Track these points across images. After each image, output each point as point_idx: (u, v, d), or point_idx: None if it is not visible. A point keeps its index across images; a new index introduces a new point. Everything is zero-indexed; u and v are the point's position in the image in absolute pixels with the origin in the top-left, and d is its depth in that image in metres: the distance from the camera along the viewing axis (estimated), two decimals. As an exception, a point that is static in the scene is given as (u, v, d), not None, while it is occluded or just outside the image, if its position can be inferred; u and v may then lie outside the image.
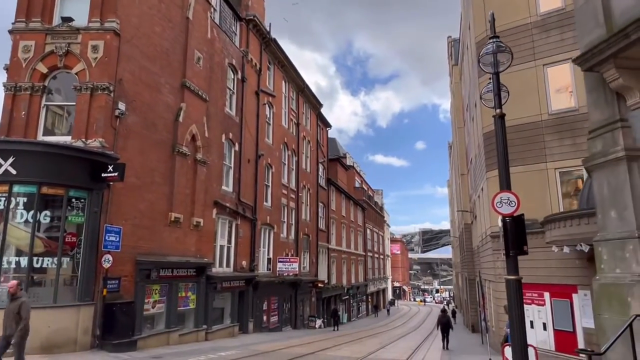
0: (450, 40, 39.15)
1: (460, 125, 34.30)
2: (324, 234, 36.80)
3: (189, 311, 16.67)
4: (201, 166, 17.57)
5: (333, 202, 40.59)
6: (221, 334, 18.41)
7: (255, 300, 22.22)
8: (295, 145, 30.35)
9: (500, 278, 15.62)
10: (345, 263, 43.79)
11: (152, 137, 14.87)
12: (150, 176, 14.69)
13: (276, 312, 25.11)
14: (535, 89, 15.66)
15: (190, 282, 16.62)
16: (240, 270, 20.84)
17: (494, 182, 16.19)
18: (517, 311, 7.20)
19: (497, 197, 7.58)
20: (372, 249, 61.02)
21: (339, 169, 47.00)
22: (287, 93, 29.54)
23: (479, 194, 20.09)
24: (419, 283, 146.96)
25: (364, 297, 53.97)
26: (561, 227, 10.21)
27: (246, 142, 22.33)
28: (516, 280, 7.31)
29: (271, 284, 24.02)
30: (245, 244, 21.68)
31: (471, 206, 30.46)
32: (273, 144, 26.12)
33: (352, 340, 21.92)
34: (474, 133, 21.88)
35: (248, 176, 22.41)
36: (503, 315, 15.28)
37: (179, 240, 16.07)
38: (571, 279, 12.92)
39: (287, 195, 28.20)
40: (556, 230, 10.41)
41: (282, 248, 26.73)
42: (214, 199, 18.69)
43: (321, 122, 38.27)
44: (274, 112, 26.48)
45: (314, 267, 32.86)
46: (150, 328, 14.58)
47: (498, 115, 7.95)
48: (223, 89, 20.18)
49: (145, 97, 14.64)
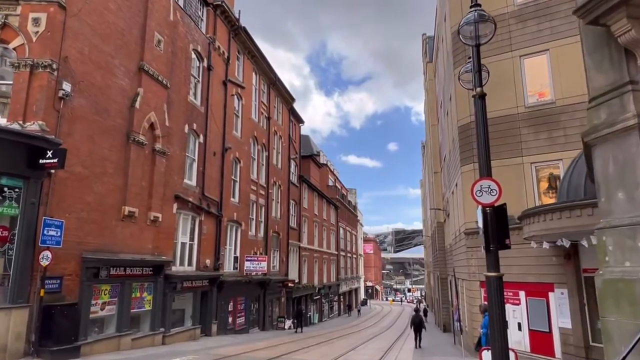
0: (425, 38, 38.84)
1: (434, 123, 33.98)
2: (295, 232, 35.83)
3: (145, 313, 15.41)
4: (160, 157, 16.33)
5: (305, 199, 39.65)
6: (181, 337, 17.21)
7: (220, 301, 21.06)
8: (266, 139, 29.26)
9: (474, 277, 15.05)
10: (317, 262, 42.93)
11: (103, 123, 13.57)
12: (101, 166, 13.39)
13: (243, 313, 23.98)
14: (512, 80, 15.15)
15: (147, 282, 15.37)
16: (203, 269, 19.65)
17: (469, 176, 15.61)
18: (497, 311, 6.45)
19: (477, 184, 6.81)
20: (345, 248, 60.39)
21: (311, 166, 46.11)
22: (258, 85, 28.42)
23: (453, 190, 19.55)
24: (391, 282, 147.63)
25: (336, 297, 53.25)
26: (540, 221, 9.60)
27: (212, 134, 21.14)
28: (497, 278, 6.56)
29: (238, 284, 22.89)
30: (210, 241, 20.49)
31: (444, 204, 30.10)
32: (242, 137, 24.98)
33: (322, 342, 21.04)
34: (448, 128, 21.36)
35: (214, 170, 21.22)
36: (477, 315, 14.68)
37: (134, 237, 14.81)
38: (548, 277, 12.39)
39: (257, 191, 27.10)
40: (535, 224, 9.80)
41: (251, 246, 25.61)
42: (174, 193, 17.46)
43: (294, 118, 37.28)
44: (243, 104, 25.34)
45: (284, 266, 31.84)
46: (99, 332, 13.30)
47: (478, 94, 7.19)
48: (187, 76, 18.95)
49: (95, 79, 13.34)
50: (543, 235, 9.85)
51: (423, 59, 40.70)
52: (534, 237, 10.32)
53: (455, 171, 18.34)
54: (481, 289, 14.72)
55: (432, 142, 34.28)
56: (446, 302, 31.59)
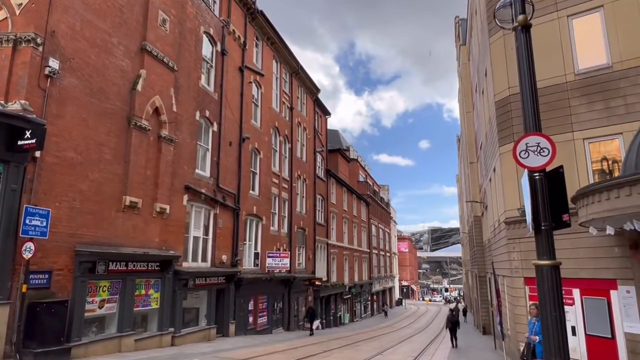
0: (458, 21, 36.45)
1: (468, 110, 31.64)
2: (323, 228, 34.34)
3: (151, 312, 14.32)
4: (167, 144, 15.20)
5: (333, 195, 38.10)
6: (193, 337, 16.06)
7: (239, 300, 19.84)
8: (289, 131, 27.92)
9: (516, 272, 13.08)
10: (347, 260, 41.29)
11: (99, 106, 12.51)
12: (97, 152, 12.33)
13: (265, 312, 22.71)
14: (559, 45, 13.05)
15: (153, 278, 14.27)
16: (219, 265, 18.46)
17: (509, 158, 13.59)
18: (553, 312, 4.73)
19: (521, 142, 5.09)
20: (377, 246, 58.41)
21: (340, 160, 44.49)
22: (279, 74, 27.11)
23: (490, 177, 17.50)
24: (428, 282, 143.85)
25: (369, 296, 51.40)
26: (603, 200, 7.66)
27: (227, 123, 19.95)
28: (552, 267, 4.83)
29: (258, 282, 21.63)
30: (226, 236, 19.30)
31: (481, 196, 27.83)
32: (261, 127, 23.71)
33: (347, 344, 19.45)
34: (483, 110, 19.28)
35: (230, 161, 20.02)
36: (521, 317, 12.71)
37: (138, 229, 13.71)
38: (608, 271, 10.32)
39: (279, 184, 25.78)
40: (595, 205, 7.87)
41: (273, 242, 24.32)
42: (185, 184, 16.33)
43: (319, 109, 35.81)
44: (262, 92, 24.07)
45: (310, 263, 30.42)
46: (97, 333, 12.24)
47: (520, 25, 5.45)
48: (197, 60, 17.81)
49: (89, 58, 12.29)
50: (606, 219, 7.90)
51: (456, 42, 38.29)
52: (594, 222, 8.36)
53: (492, 154, 16.31)
54: (525, 287, 12.72)
55: (467, 130, 31.97)
56: (485, 302, 29.26)
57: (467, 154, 33.52)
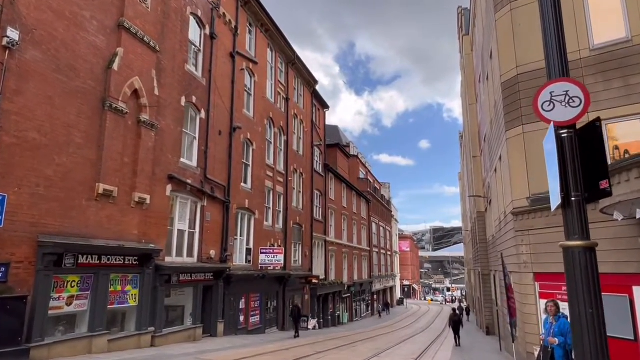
0: (460, 11, 35.30)
1: (472, 102, 30.52)
2: (321, 225, 33.24)
3: (129, 310, 13.25)
4: (148, 130, 14.13)
5: (332, 190, 36.99)
6: (176, 338, 14.98)
7: (228, 297, 18.75)
8: (284, 122, 26.82)
9: (525, 267, 11.95)
10: (346, 258, 40.17)
11: (68, 84, 11.44)
12: (66, 134, 11.26)
13: (257, 311, 21.62)
14: (572, 18, 11.89)
15: (131, 274, 13.19)
16: (207, 261, 17.38)
17: (517, 143, 12.51)
18: (590, 308, 3.61)
19: (544, 91, 3.99)
20: (378, 244, 57.28)
21: (339, 156, 43.38)
22: (274, 63, 26.02)
23: (496, 167, 16.36)
24: (430, 282, 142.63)
25: (369, 295, 50.26)
26: (633, 178, 6.55)
27: (217, 111, 18.87)
28: (586, 250, 3.70)
29: (250, 279, 20.54)
30: (215, 230, 18.22)
31: (485, 191, 26.71)
32: (254, 117, 22.62)
33: (343, 345, 18.35)
34: (489, 95, 18.14)
35: (219, 151, 18.93)
36: (530, 316, 11.58)
37: (113, 220, 12.64)
38: (631, 265, 9.20)
39: (274, 178, 24.69)
40: (623, 185, 6.73)
41: (267, 238, 23.23)
42: (168, 173, 15.26)
43: (317, 102, 34.70)
44: (255, 81, 22.98)
45: (307, 260, 29.31)
46: (65, 332, 11.17)
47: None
48: (183, 42, 16.73)
49: (57, 31, 11.21)
50: (636, 201, 6.78)
51: (459, 34, 37.15)
52: (620, 205, 7.24)
53: (498, 142, 15.18)
54: (535, 283, 11.59)
55: (471, 123, 30.84)
56: (489, 302, 28.12)
57: (470, 149, 32.40)
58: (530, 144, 12.13)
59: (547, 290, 11.28)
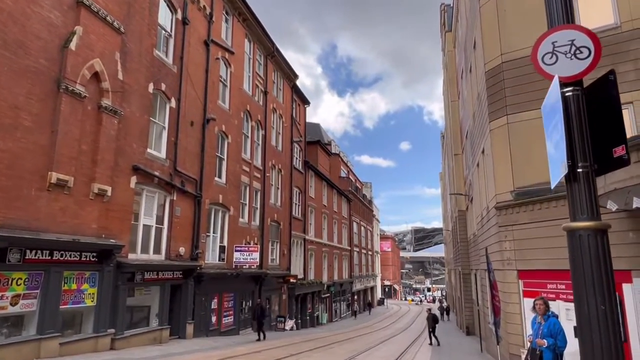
0: (444, 7, 34.95)
1: (454, 99, 30.17)
2: (300, 223, 32.42)
3: (86, 310, 12.22)
4: (110, 117, 13.12)
5: (312, 188, 36.21)
6: (140, 340, 13.99)
7: (199, 297, 17.80)
8: (262, 116, 25.93)
9: (509, 264, 11.37)
10: (326, 257, 39.45)
11: (16, 62, 10.40)
12: (12, 117, 10.22)
13: (231, 311, 20.69)
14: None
15: (88, 271, 12.18)
16: (176, 258, 16.41)
17: (501, 134, 11.94)
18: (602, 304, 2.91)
19: (544, 42, 3.29)
20: (358, 244, 56.75)
21: (320, 153, 42.63)
22: (252, 54, 25.11)
23: (479, 161, 15.83)
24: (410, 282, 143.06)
25: (349, 295, 49.64)
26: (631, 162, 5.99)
27: (189, 100, 17.90)
28: (596, 232, 2.98)
29: (223, 277, 19.60)
30: (185, 226, 17.25)
31: (466, 189, 26.32)
32: (230, 109, 21.69)
33: (319, 347, 17.58)
34: (471, 90, 17.63)
35: (191, 143, 17.97)
36: (513, 315, 11.00)
37: (68, 213, 11.61)
38: (620, 261, 8.66)
39: (250, 173, 23.78)
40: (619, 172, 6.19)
41: (242, 235, 22.31)
42: (133, 164, 14.26)
43: (297, 97, 33.88)
44: (232, 72, 22.05)
45: (285, 259, 28.45)
46: (8, 335, 10.11)
47: None
48: (152, 25, 15.73)
49: (4, 2, 10.16)
50: (633, 188, 6.18)
51: (441, 31, 36.83)
52: (614, 194, 6.64)
53: (481, 135, 14.63)
54: (519, 281, 11.02)
55: (452, 121, 30.47)
56: (469, 301, 27.76)
57: (451, 146, 32.05)
58: (514, 135, 11.57)
59: (532, 288, 10.72)
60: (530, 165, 11.18)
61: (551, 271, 10.10)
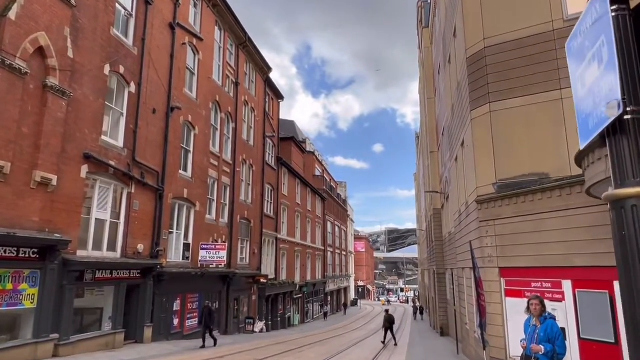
0: (421, 4, 34.52)
1: (430, 96, 29.69)
2: (272, 221, 31.31)
3: (25, 313, 10.88)
4: (57, 98, 11.78)
5: (285, 185, 35.15)
6: (89, 345, 12.67)
7: (160, 298, 16.54)
8: (233, 108, 24.75)
9: (490, 262, 10.66)
10: (299, 257, 38.43)
11: (-60, 28, 9.04)
12: None
13: (196, 313, 19.43)
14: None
15: (27, 269, 10.84)
16: (133, 256, 15.12)
17: (482, 123, 11.24)
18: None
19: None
20: (333, 243, 55.96)
21: (294, 151, 41.60)
22: (223, 43, 23.91)
23: (457, 155, 15.17)
24: (384, 282, 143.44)
25: (323, 296, 48.76)
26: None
27: (151, 86, 16.63)
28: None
29: (187, 277, 18.36)
30: (145, 221, 15.97)
31: (442, 187, 25.82)
32: (198, 99, 20.45)
33: (289, 350, 16.57)
34: (450, 81, 17.00)
35: (153, 132, 16.70)
36: (495, 316, 10.27)
37: (3, 203, 10.25)
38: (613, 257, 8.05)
39: (219, 167, 22.58)
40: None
41: (209, 232, 21.09)
42: (84, 151, 12.93)
43: (271, 91, 32.78)
44: (200, 59, 20.82)
45: (255, 259, 27.30)
46: None
47: None
48: (109, 1, 14.41)
49: None
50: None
51: (418, 28, 36.43)
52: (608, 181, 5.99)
53: (460, 126, 13.94)
54: (501, 279, 10.32)
55: (429, 118, 30.00)
56: (444, 301, 27.28)
57: (427, 144, 31.59)
58: (497, 124, 10.89)
59: (514, 287, 10.02)
60: (514, 156, 10.51)
61: (536, 269, 9.42)
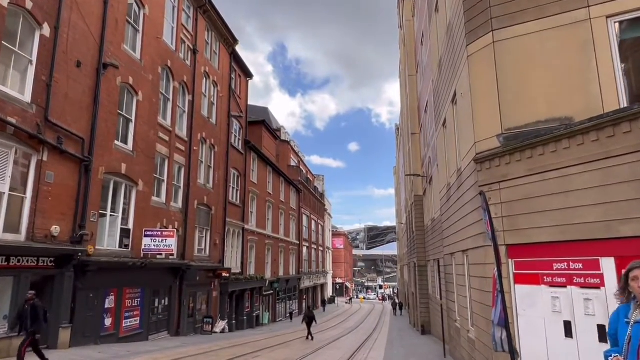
0: (402, -23, 32.03)
1: (412, 73, 27.26)
2: (238, 210, 28.33)
3: None
4: None
5: (254, 172, 32.19)
6: (-32, 354, 9.60)
7: (85, 293, 13.52)
8: (190, 78, 21.70)
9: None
10: (270, 251, 35.54)
11: None
12: None
13: (137, 311, 16.42)
14: None
15: None
16: (45, 239, 12.05)
17: (483, 58, 8.64)
18: None
19: None
20: (308, 238, 53.20)
21: (265, 136, 38.64)
22: (177, 2, 20.86)
23: (446, 117, 12.58)
24: (363, 280, 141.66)
25: (296, 293, 45.96)
26: None
27: (75, 33, 13.55)
28: None
29: (124, 268, 15.34)
30: (63, 197, 12.89)
31: (424, 171, 23.39)
32: (142, 60, 17.37)
33: (243, 354, 13.75)
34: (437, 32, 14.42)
35: (77, 89, 13.62)
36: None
37: None
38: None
39: (170, 143, 19.53)
40: None
41: (156, 217, 18.05)
42: (-35, 100, 9.85)
43: (238, 67, 29.76)
44: (146, 14, 17.74)
45: (217, 250, 24.31)
46: None
47: None
48: None
49: None
50: None
51: (399, 5, 33.97)
52: None
53: (452, 75, 11.32)
54: (509, 261, 7.71)
55: (410, 98, 27.53)
56: (425, 297, 24.88)
57: (408, 127, 29.13)
58: (503, 58, 8.29)
59: (528, 270, 7.44)
60: (525, 98, 7.94)
61: (561, 244, 6.85)
